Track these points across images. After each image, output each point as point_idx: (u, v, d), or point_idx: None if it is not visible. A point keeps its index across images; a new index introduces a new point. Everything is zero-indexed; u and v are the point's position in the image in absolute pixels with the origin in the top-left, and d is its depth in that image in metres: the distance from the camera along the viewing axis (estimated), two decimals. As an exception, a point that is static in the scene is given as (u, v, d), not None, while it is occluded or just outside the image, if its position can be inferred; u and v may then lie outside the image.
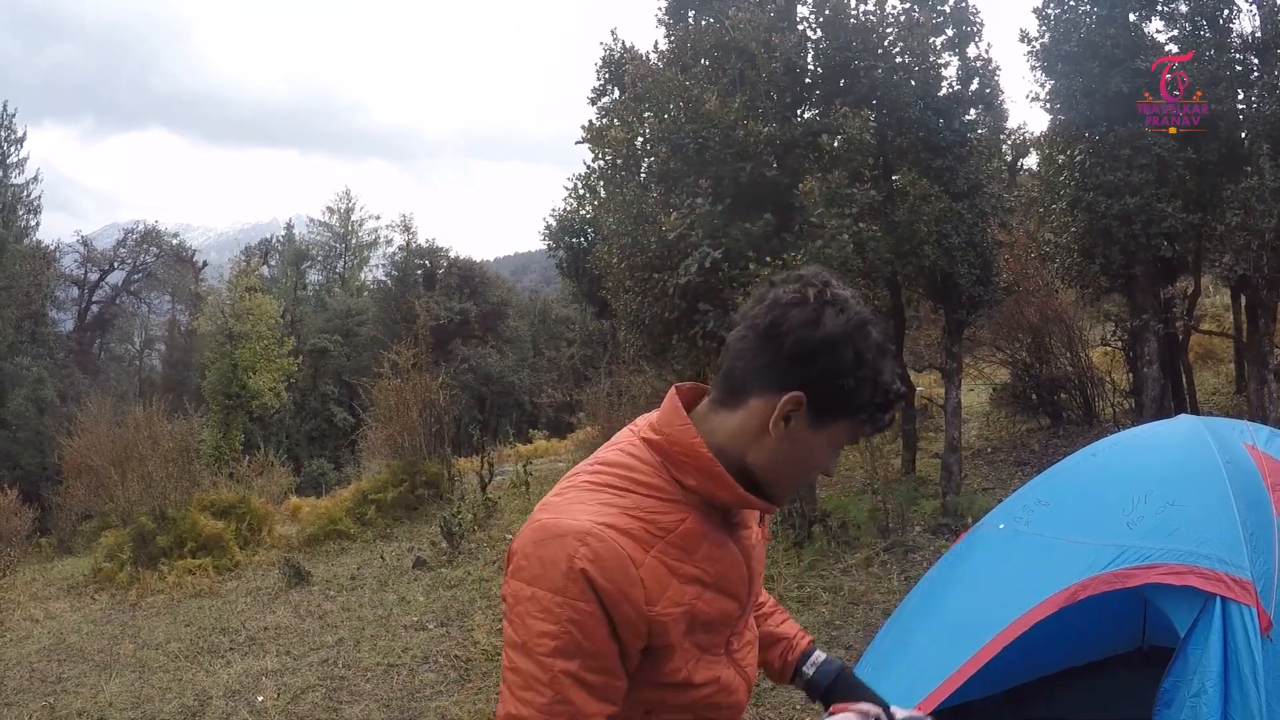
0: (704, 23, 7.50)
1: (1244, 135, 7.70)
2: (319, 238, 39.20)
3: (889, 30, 7.25)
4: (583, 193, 15.51)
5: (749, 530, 1.22)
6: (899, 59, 7.20)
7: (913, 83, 7.12)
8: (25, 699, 5.51)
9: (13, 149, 28.10)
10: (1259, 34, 7.67)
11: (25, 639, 6.98)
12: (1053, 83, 8.25)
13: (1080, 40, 7.88)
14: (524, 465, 10.52)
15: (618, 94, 8.61)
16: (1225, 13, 7.82)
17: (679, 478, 1.11)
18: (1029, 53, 8.38)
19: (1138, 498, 2.40)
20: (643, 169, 7.78)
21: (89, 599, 8.07)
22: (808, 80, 7.34)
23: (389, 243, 36.90)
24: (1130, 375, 9.23)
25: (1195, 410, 8.55)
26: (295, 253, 37.47)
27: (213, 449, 19.15)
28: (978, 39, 7.54)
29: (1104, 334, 10.43)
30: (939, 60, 7.44)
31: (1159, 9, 8.08)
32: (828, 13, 7.10)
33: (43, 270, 29.31)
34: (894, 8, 7.38)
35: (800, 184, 6.54)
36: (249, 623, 6.60)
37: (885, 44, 7.21)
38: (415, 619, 6.19)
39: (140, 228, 35.84)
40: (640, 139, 7.55)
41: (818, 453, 1.12)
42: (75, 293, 33.93)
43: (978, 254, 7.42)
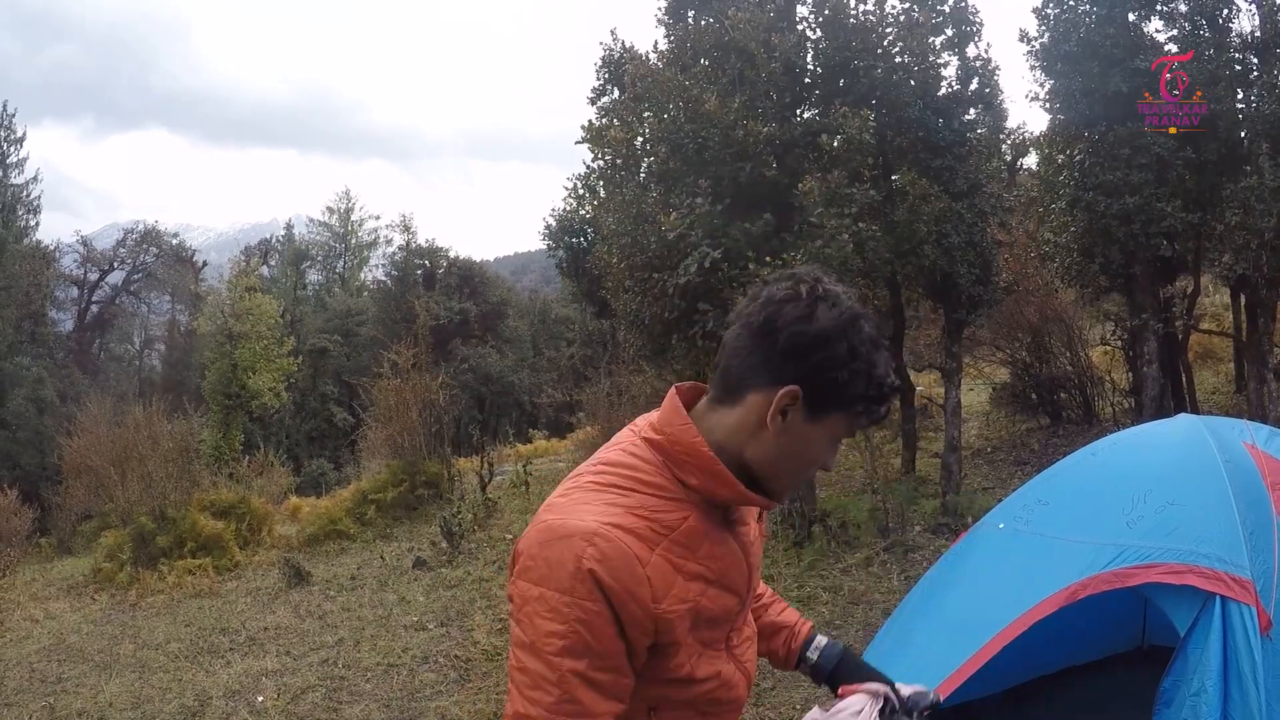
0: (704, 23, 7.50)
1: (1243, 135, 7.71)
2: (319, 238, 39.21)
3: (888, 30, 7.24)
4: (582, 193, 15.52)
5: (747, 527, 1.24)
6: (898, 59, 7.20)
7: (912, 82, 7.11)
8: (25, 699, 5.51)
9: (12, 149, 28.11)
10: (1258, 33, 7.67)
11: (25, 639, 6.98)
12: (1052, 82, 8.25)
13: (1080, 40, 7.88)
14: (524, 465, 10.52)
15: (617, 94, 8.61)
16: (1225, 12, 7.82)
17: (681, 477, 1.13)
18: (1028, 52, 8.38)
19: (1137, 497, 2.40)
20: (642, 169, 7.77)
21: (89, 599, 8.07)
22: (807, 80, 7.34)
23: (389, 243, 36.96)
24: (1130, 375, 9.23)
25: (1195, 409, 8.56)
26: (295, 253, 37.47)
27: (212, 449, 19.16)
28: (977, 39, 7.54)
29: (1104, 333, 10.43)
30: (938, 60, 7.44)
31: (1158, 9, 8.08)
32: (827, 13, 7.10)
33: (42, 270, 29.30)
34: (893, 8, 7.39)
35: (800, 184, 6.54)
36: (249, 623, 6.60)
37: (885, 44, 7.20)
38: (415, 619, 6.19)
39: (140, 228, 35.88)
40: (640, 139, 7.55)
41: (815, 446, 1.14)
42: (75, 293, 33.94)
43: (977, 254, 7.42)
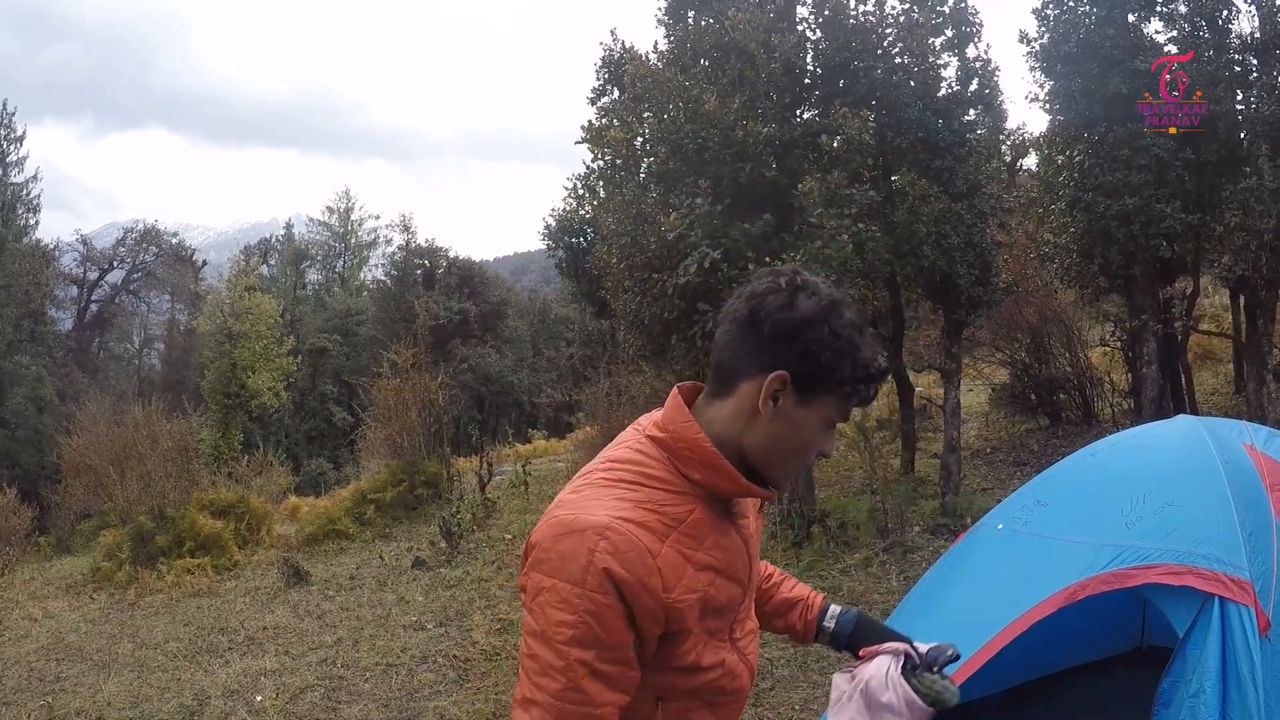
0: (703, 23, 7.50)
1: (1243, 136, 7.71)
2: (318, 237, 39.21)
3: (888, 31, 7.25)
4: (582, 193, 15.53)
5: (747, 520, 1.28)
6: (898, 59, 7.20)
7: (912, 83, 7.12)
8: (23, 698, 5.51)
9: (12, 147, 28.13)
10: (1258, 35, 7.68)
11: (23, 638, 6.97)
12: (1052, 83, 8.25)
13: (1079, 41, 7.88)
14: (523, 465, 10.53)
15: (617, 94, 8.61)
16: (1224, 13, 7.83)
17: (685, 472, 1.17)
18: (1028, 53, 8.38)
19: (1136, 498, 2.40)
20: (642, 169, 7.78)
21: (87, 598, 8.07)
22: (807, 81, 7.34)
23: (388, 242, 36.98)
24: (1129, 375, 9.24)
25: (1194, 410, 8.56)
26: (294, 252, 37.48)
27: (212, 448, 19.16)
28: (977, 40, 7.54)
29: (1103, 334, 10.44)
30: (938, 61, 7.44)
31: (1158, 10, 8.08)
32: (827, 13, 7.11)
33: (42, 269, 29.31)
34: (893, 8, 7.39)
35: (799, 184, 6.54)
36: (248, 622, 6.59)
37: (885, 44, 7.21)
38: (414, 619, 6.19)
39: (140, 227, 35.87)
40: (639, 139, 7.55)
41: (809, 429, 1.17)
42: (74, 291, 33.93)
43: (977, 254, 7.43)
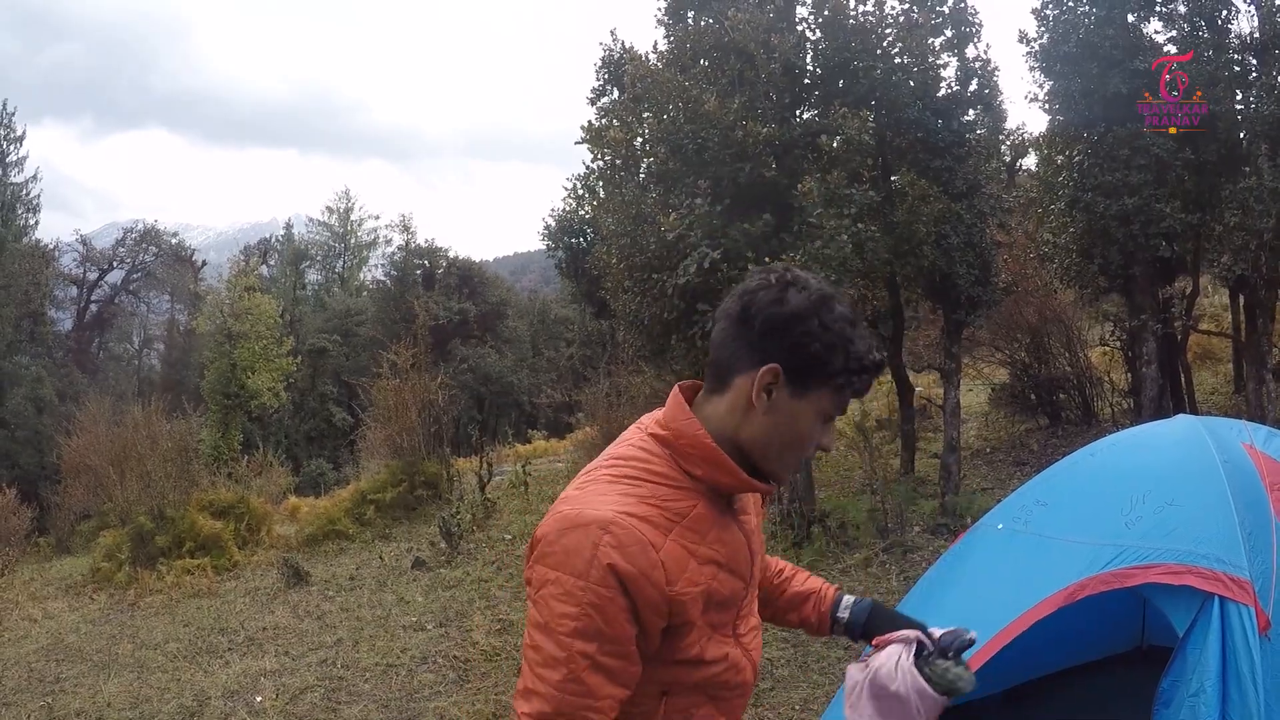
0: (703, 23, 7.50)
1: (1242, 135, 7.71)
2: (318, 237, 39.20)
3: (888, 31, 7.25)
4: (582, 193, 15.53)
5: (748, 516, 1.30)
6: (898, 60, 7.20)
7: (911, 83, 7.12)
8: (23, 699, 5.51)
9: (12, 147, 28.10)
10: (1257, 35, 7.67)
11: (23, 639, 6.97)
12: (1051, 83, 8.25)
13: (1079, 41, 7.87)
14: (523, 466, 10.52)
15: (617, 94, 8.62)
16: (1224, 13, 7.82)
17: (687, 468, 1.19)
18: (1028, 53, 8.38)
19: (1136, 497, 2.40)
20: (642, 169, 7.78)
21: (87, 599, 8.07)
22: (806, 81, 7.34)
23: (388, 242, 36.97)
24: (1129, 375, 9.24)
25: (1194, 410, 8.57)
26: (294, 252, 37.47)
27: (211, 449, 19.15)
28: (976, 40, 7.55)
29: (1103, 334, 10.44)
30: (938, 61, 7.44)
31: (1157, 9, 8.08)
32: (826, 13, 7.11)
33: (42, 269, 29.29)
34: (893, 8, 7.39)
35: (799, 184, 6.54)
36: (247, 623, 6.60)
37: (884, 45, 7.21)
38: (414, 619, 6.19)
39: (139, 227, 35.86)
40: (639, 139, 7.56)
41: (804, 421, 1.19)
42: (74, 292, 33.92)
43: (976, 254, 7.43)
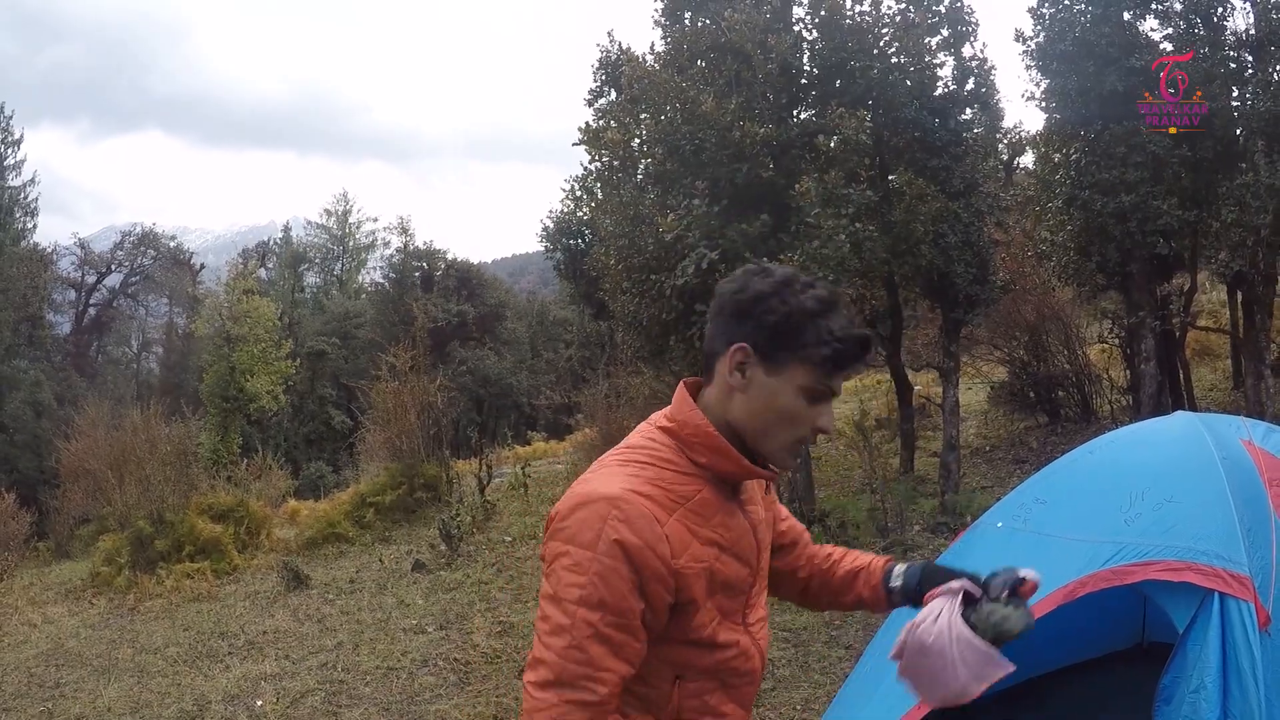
0: (700, 24, 7.50)
1: (1239, 132, 7.72)
2: (316, 240, 39.22)
3: (884, 31, 7.26)
4: (580, 194, 15.54)
5: (755, 507, 1.36)
6: (894, 59, 7.21)
7: (908, 83, 7.13)
8: (23, 704, 5.50)
9: (10, 151, 28.03)
10: (1253, 31, 7.68)
11: (23, 644, 6.96)
12: (1048, 82, 8.26)
13: (1075, 39, 7.88)
14: (522, 467, 10.52)
15: (614, 95, 8.63)
16: (1219, 10, 7.83)
17: (692, 456, 1.27)
18: (1024, 52, 8.39)
19: (1135, 495, 2.40)
20: (639, 170, 7.79)
21: (87, 603, 8.05)
22: (804, 81, 7.35)
23: (387, 245, 37.00)
24: (1127, 372, 9.25)
25: (1193, 406, 8.58)
26: (293, 255, 37.47)
27: (210, 452, 19.14)
28: (973, 39, 7.56)
29: (1101, 331, 10.46)
30: (934, 60, 7.45)
31: (1153, 7, 8.08)
32: (823, 13, 7.12)
33: (40, 273, 29.26)
34: (889, 8, 7.40)
35: (797, 185, 6.55)
36: (248, 627, 6.59)
37: (881, 44, 7.22)
38: (414, 622, 6.19)
39: (137, 230, 35.83)
40: (637, 140, 7.56)
41: (782, 397, 1.24)
42: (72, 295, 33.89)
43: (974, 253, 7.44)
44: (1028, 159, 13.25)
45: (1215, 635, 1.94)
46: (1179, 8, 7.96)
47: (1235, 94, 7.83)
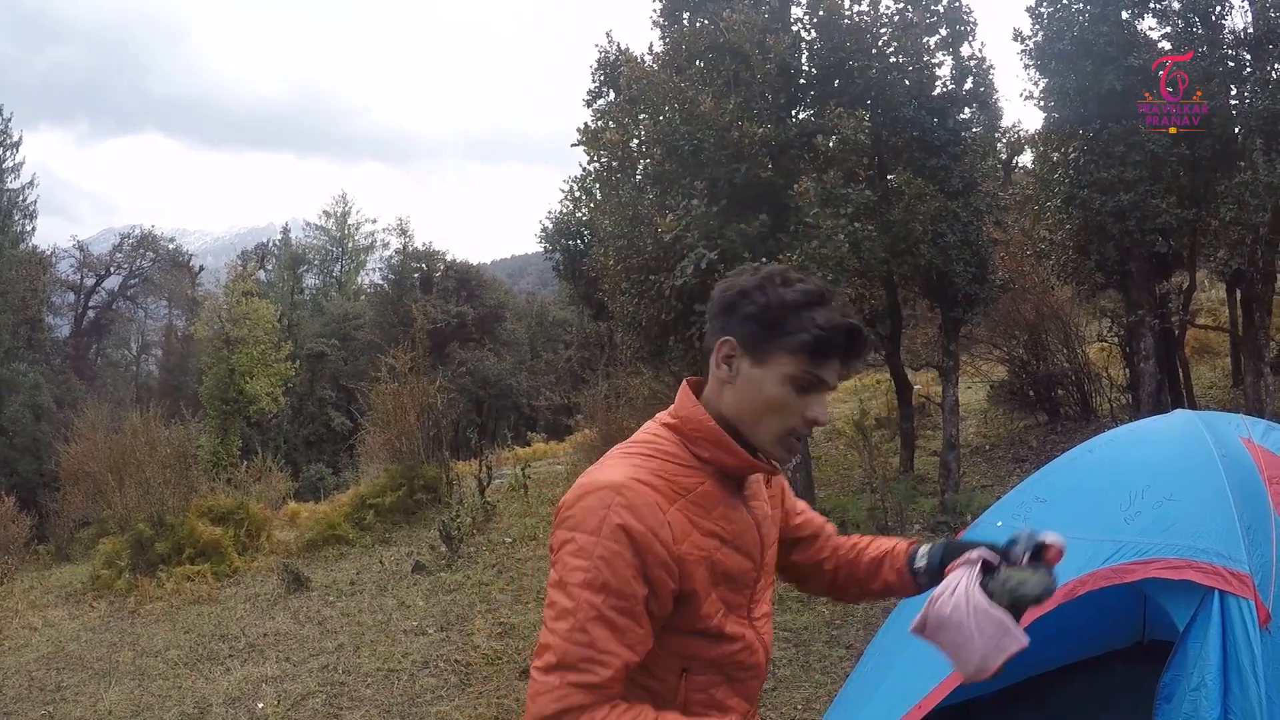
0: (698, 24, 7.51)
1: (1237, 131, 7.72)
2: (315, 242, 39.16)
3: (883, 30, 7.26)
4: (579, 195, 15.51)
5: (760, 503, 1.38)
6: (893, 59, 7.22)
7: (907, 82, 7.13)
8: (24, 708, 5.50)
9: (8, 153, 27.97)
10: (1251, 30, 7.69)
11: (24, 647, 6.96)
12: (1046, 81, 8.26)
13: (1073, 38, 7.89)
14: (522, 468, 10.52)
15: (613, 96, 8.63)
16: (1218, 9, 7.84)
17: (695, 450, 1.29)
18: (1022, 51, 8.39)
19: (1135, 493, 2.40)
20: (638, 171, 7.79)
21: (87, 606, 8.05)
22: (802, 81, 7.36)
23: (386, 246, 36.95)
24: (1127, 371, 9.25)
25: (1192, 405, 8.58)
26: (292, 257, 37.43)
27: (210, 454, 19.12)
28: (971, 38, 7.57)
29: (1100, 330, 10.47)
30: (933, 60, 7.46)
31: (1151, 6, 8.09)
32: (822, 13, 7.12)
33: (39, 275, 29.22)
34: (888, 8, 7.41)
35: (795, 184, 6.55)
36: (248, 629, 6.59)
37: (879, 44, 7.22)
38: (415, 624, 6.18)
39: (136, 232, 35.76)
40: (635, 141, 7.57)
41: (769, 387, 1.25)
42: (71, 298, 33.85)
43: (973, 252, 7.44)
44: (1026, 158, 13.27)
45: (1216, 633, 1.94)
46: (1177, 6, 7.97)
47: (1234, 92, 7.84)
